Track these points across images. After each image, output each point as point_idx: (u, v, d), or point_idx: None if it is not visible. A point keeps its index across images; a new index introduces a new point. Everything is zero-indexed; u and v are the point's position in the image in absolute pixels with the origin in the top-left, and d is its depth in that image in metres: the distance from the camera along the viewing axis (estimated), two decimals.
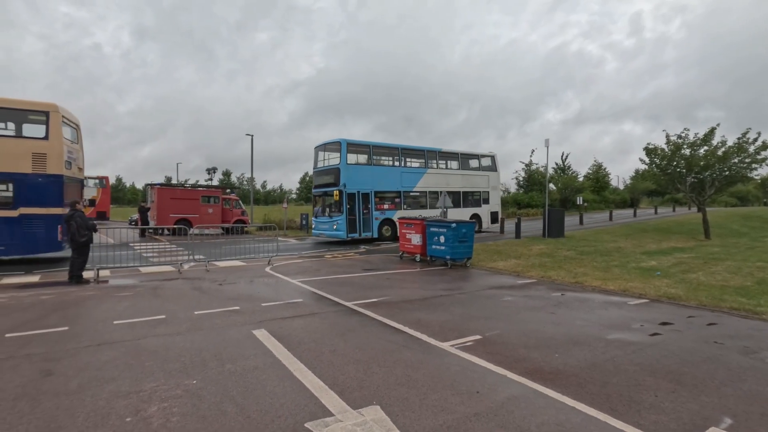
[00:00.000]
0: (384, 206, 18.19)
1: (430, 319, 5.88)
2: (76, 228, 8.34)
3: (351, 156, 17.73)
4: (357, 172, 17.40)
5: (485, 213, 21.94)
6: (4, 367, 4.00)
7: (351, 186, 16.85)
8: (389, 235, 18.02)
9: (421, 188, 19.44)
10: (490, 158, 23.24)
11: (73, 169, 12.12)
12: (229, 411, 3.18)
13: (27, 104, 11.15)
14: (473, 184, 21.58)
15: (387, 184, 18.35)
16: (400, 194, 18.68)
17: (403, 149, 19.48)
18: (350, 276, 9.61)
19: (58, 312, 6.13)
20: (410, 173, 19.30)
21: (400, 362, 4.22)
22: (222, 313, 6.17)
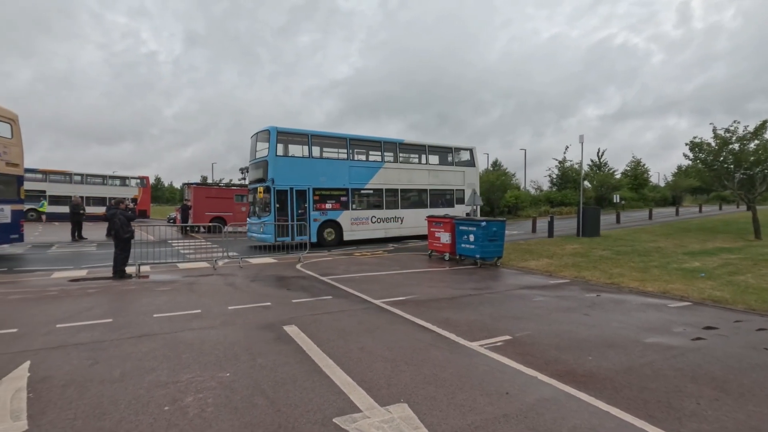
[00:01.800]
0: (326, 206, 15.70)
1: (458, 319, 5.82)
2: (119, 225, 8.79)
3: (283, 146, 15.26)
4: (290, 165, 14.95)
5: (460, 214, 19.39)
6: (56, 355, 4.27)
7: (282, 181, 14.46)
8: (332, 239, 15.62)
9: (375, 185, 16.95)
10: (468, 152, 20.31)
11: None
12: (260, 404, 3.27)
13: None
14: (444, 181, 19.05)
15: (330, 179, 15.80)
16: (347, 192, 16.17)
17: (352, 140, 16.86)
18: (378, 274, 9.65)
19: (103, 305, 6.48)
20: (362, 168, 16.73)
21: (428, 361, 4.21)
22: (254, 308, 6.34)
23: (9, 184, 12.47)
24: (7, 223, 12.33)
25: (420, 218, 17.43)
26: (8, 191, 12.43)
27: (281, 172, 14.48)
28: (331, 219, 15.69)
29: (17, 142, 12.85)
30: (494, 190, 33.72)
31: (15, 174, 12.69)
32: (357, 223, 16.22)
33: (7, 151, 12.40)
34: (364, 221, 16.46)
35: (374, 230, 16.64)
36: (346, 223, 15.89)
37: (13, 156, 12.63)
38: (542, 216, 34.13)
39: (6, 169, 12.37)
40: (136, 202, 32.82)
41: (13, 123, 12.85)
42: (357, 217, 16.32)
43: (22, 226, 13.02)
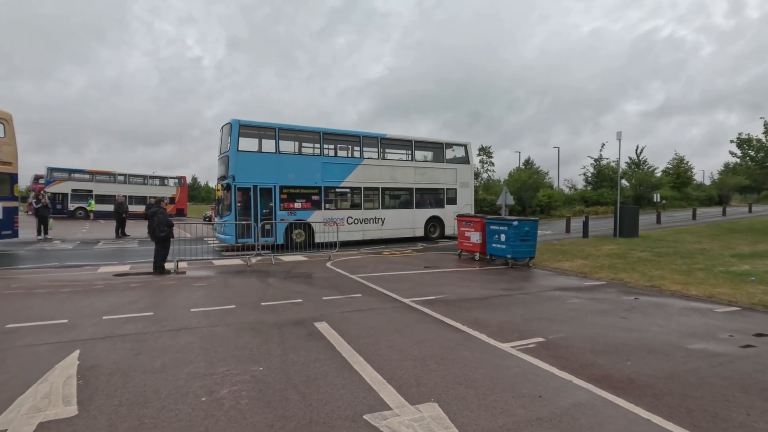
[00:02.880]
0: (294, 205, 14.40)
1: (489, 319, 5.74)
2: (157, 224, 9.18)
3: (247, 141, 14.04)
4: (253, 161, 13.71)
5: (450, 215, 17.15)
6: (103, 345, 4.51)
7: (244, 178, 13.31)
8: (301, 241, 14.11)
9: (352, 183, 15.53)
10: (461, 148, 18.55)
11: None
12: (292, 398, 3.33)
13: None
14: (433, 179, 17.40)
15: (300, 177, 14.45)
16: (320, 190, 14.81)
17: (326, 134, 15.35)
18: (408, 273, 9.64)
19: (144, 299, 6.79)
20: (336, 164, 15.40)
21: (458, 361, 4.17)
22: (285, 305, 6.48)
23: (2, 182, 12.82)
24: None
25: (404, 219, 16.35)
26: (1, 189, 12.83)
27: (243, 168, 13.32)
28: (300, 219, 14.36)
29: (10, 141, 13.10)
30: (526, 189, 32.99)
31: (8, 172, 13.00)
32: (330, 224, 14.28)
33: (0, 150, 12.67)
34: (338, 222, 14.58)
35: (350, 232, 15.09)
36: (317, 224, 14.26)
37: (5, 155, 12.90)
38: (576, 216, 33.10)
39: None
40: (174, 201, 34.22)
41: (6, 123, 13.08)
42: (330, 217, 14.67)
43: (16, 222, 13.39)
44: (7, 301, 6.48)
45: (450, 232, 17.44)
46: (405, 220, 16.32)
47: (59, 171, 31.88)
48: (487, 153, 39.38)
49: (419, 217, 16.62)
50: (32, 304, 6.29)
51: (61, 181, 31.28)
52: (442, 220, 17.42)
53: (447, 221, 17.35)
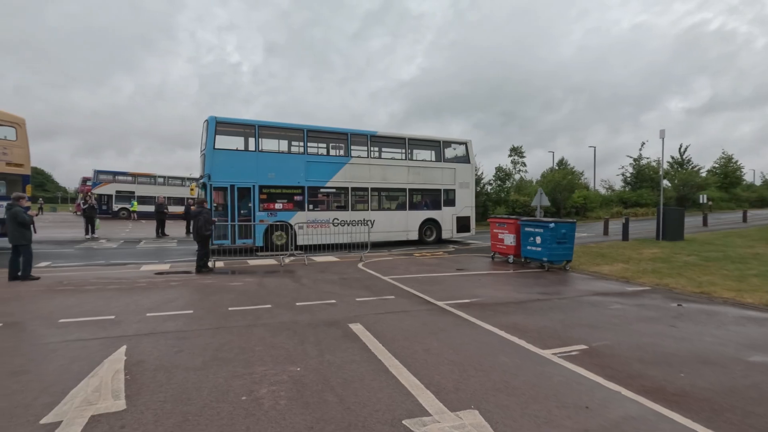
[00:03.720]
0: (275, 206, 13.71)
1: (527, 324, 5.56)
2: (203, 223, 9.47)
3: (226, 138, 13.52)
4: (231, 159, 13.12)
5: (448, 218, 16.48)
6: (147, 341, 4.67)
7: (220, 177, 12.75)
8: (282, 243, 13.36)
9: (339, 183, 14.75)
10: (461, 146, 17.49)
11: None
12: (330, 400, 3.32)
13: None
14: (429, 179, 16.36)
15: (281, 176, 13.75)
16: (303, 190, 14.06)
17: (311, 131, 14.49)
18: (440, 275, 9.52)
19: (184, 297, 7.00)
20: (321, 163, 14.61)
21: (497, 367, 4.05)
22: (319, 305, 6.52)
23: (13, 183, 13.61)
24: None
25: (396, 222, 15.37)
26: (13, 189, 13.35)
27: (220, 167, 12.77)
28: (281, 221, 13.62)
29: (22, 144, 13.97)
30: (560, 190, 32.02)
31: (19, 173, 13.88)
32: (314, 226, 14.12)
33: (9, 152, 13.59)
34: (323, 224, 14.29)
35: (336, 234, 14.21)
36: (300, 225, 13.80)
37: (17, 157, 13.77)
38: (614, 217, 31.87)
39: (8, 169, 13.62)
40: None
41: (19, 126, 13.98)
42: (314, 219, 14.17)
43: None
44: (60, 297, 6.84)
45: (447, 236, 16.57)
46: (397, 222, 15.30)
47: (104, 173, 33.61)
48: (519, 153, 38.53)
49: (413, 220, 15.55)
50: (82, 301, 6.61)
51: (106, 183, 32.96)
52: (438, 223, 16.38)
53: (444, 224, 16.37)
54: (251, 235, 13.13)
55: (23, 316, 5.69)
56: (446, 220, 16.46)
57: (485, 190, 32.31)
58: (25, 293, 7.11)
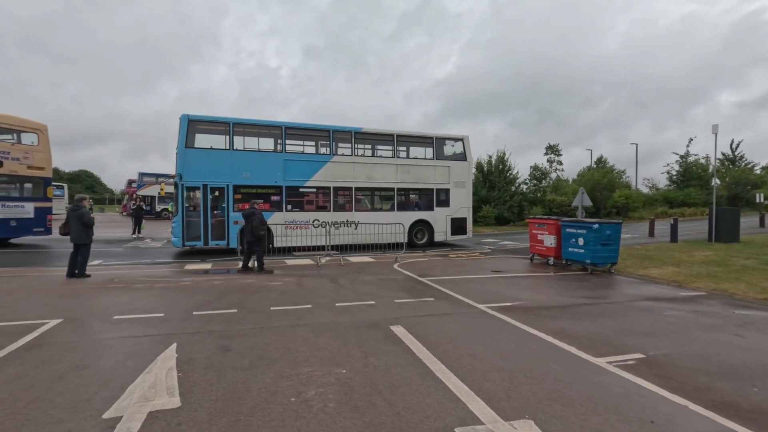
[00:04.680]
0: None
1: (576, 330, 5.33)
2: (258, 223, 9.70)
3: (199, 137, 13.20)
4: (204, 158, 12.78)
5: (441, 219, 15.50)
6: (195, 340, 4.79)
7: (192, 177, 12.49)
8: None
9: (320, 183, 14.11)
10: (458, 143, 16.38)
11: (14, 167, 14.09)
12: (378, 404, 3.28)
13: None
14: (420, 178, 15.45)
15: (257, 175, 13.30)
16: (280, 190, 13.57)
17: (289, 128, 14.01)
18: (478, 277, 9.33)
19: (227, 296, 7.17)
20: (300, 162, 13.98)
21: (549, 374, 3.88)
22: (359, 306, 6.51)
23: (35, 185, 14.71)
24: (30, 218, 14.53)
25: (383, 223, 13.92)
26: (34, 191, 14.69)
27: (192, 166, 12.51)
28: None
29: (44, 149, 14.97)
30: (600, 189, 30.84)
31: (41, 176, 14.82)
32: (293, 227, 13.57)
33: (31, 156, 14.58)
34: (302, 225, 13.71)
35: (317, 236, 13.64)
36: (278, 226, 13.14)
37: (38, 161, 14.77)
38: (659, 218, 30.41)
39: (30, 172, 14.56)
40: None
41: (41, 133, 15.00)
42: (293, 219, 13.64)
43: (49, 221, 15.13)
44: (112, 295, 7.16)
45: (441, 238, 15.52)
46: (384, 223, 13.84)
47: (148, 176, 35.23)
48: (555, 151, 37.37)
49: (402, 221, 14.12)
50: (132, 298, 6.89)
51: (150, 185, 34.52)
52: (430, 225, 15.39)
53: (437, 226, 15.32)
54: (225, 237, 12.91)
55: (81, 312, 5.98)
56: (439, 222, 15.46)
57: (520, 190, 31.55)
58: (81, 290, 7.50)
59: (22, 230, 14.48)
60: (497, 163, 30.56)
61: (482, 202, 29.06)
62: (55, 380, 3.65)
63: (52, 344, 4.60)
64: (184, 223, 12.45)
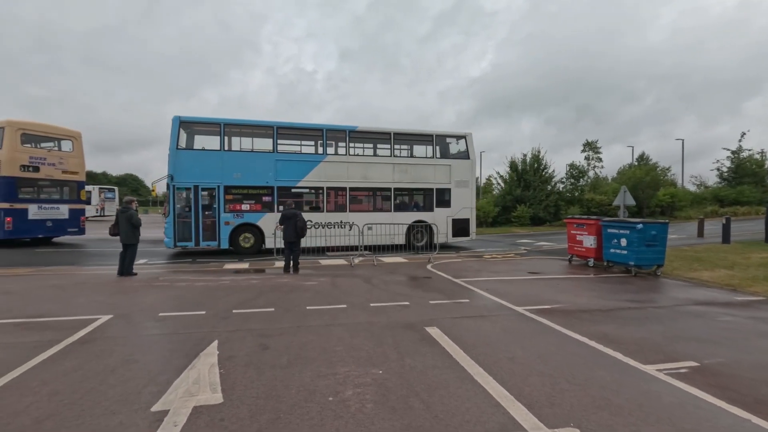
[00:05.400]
0: (241, 207, 13.25)
1: (621, 335, 5.08)
2: (302, 225, 9.89)
3: (191, 138, 13.50)
4: (195, 159, 12.91)
5: (442, 220, 14.74)
6: (235, 338, 4.92)
7: (183, 178, 12.55)
8: (250, 245, 13.21)
9: (312, 183, 13.91)
10: (460, 140, 15.72)
11: (49, 172, 15.20)
12: (416, 407, 3.24)
13: None
14: (419, 177, 14.92)
15: (248, 176, 13.24)
16: (272, 190, 13.44)
17: (281, 128, 13.80)
18: (514, 279, 9.10)
19: (265, 295, 7.33)
20: (292, 161, 13.85)
21: (594, 381, 3.72)
22: (393, 307, 6.49)
23: (69, 189, 15.98)
24: (65, 219, 15.75)
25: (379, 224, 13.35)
26: (69, 194, 15.95)
27: (183, 167, 12.58)
28: (248, 222, 13.23)
29: (78, 155, 16.24)
30: (642, 188, 29.44)
31: (75, 180, 16.11)
32: None
33: (66, 161, 15.78)
34: None
35: (309, 237, 12.65)
36: (269, 227, 12.83)
37: (72, 166, 15.99)
38: (709, 217, 28.73)
39: (64, 176, 15.75)
40: None
41: (75, 139, 16.25)
42: None
43: (82, 221, 16.49)
44: (157, 292, 7.48)
45: (441, 240, 14.59)
46: (380, 224, 13.41)
47: None
48: (593, 149, 36.02)
49: (399, 222, 13.82)
50: (175, 296, 7.17)
51: None
52: (430, 226, 14.38)
53: (438, 227, 14.12)
54: (216, 237, 12.97)
55: (129, 309, 6.28)
56: (440, 223, 14.58)
57: (557, 189, 30.62)
58: (129, 288, 7.88)
59: (57, 230, 15.77)
60: (532, 162, 29.80)
61: (517, 201, 28.42)
62: (107, 373, 3.84)
63: (103, 339, 4.86)
64: (175, 224, 12.59)
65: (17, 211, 14.48)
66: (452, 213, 15.09)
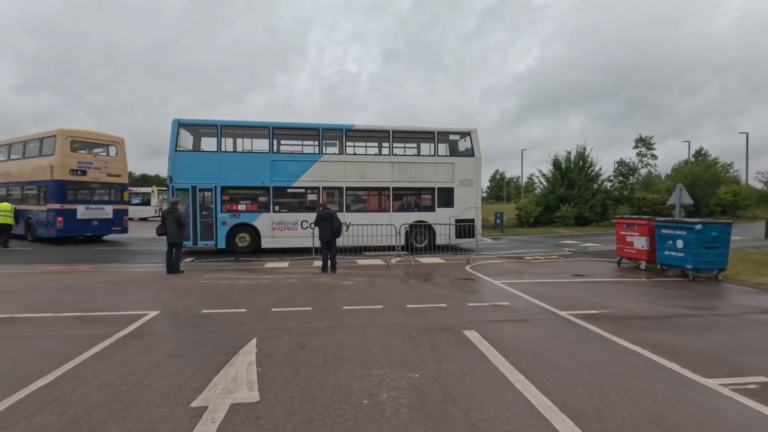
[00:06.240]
0: (238, 207, 13.45)
1: (678, 345, 4.70)
2: (339, 224, 10.00)
3: (190, 140, 13.83)
4: (193, 161, 13.25)
5: (444, 221, 14.12)
6: (274, 335, 5.00)
7: (182, 179, 12.89)
8: (246, 245, 13.40)
9: (308, 183, 13.87)
10: (465, 137, 15.10)
11: (95, 175, 16.51)
12: (453, 413, 3.12)
13: (40, 134, 16.48)
14: (419, 176, 14.47)
15: (244, 176, 13.38)
16: (268, 191, 13.53)
17: (277, 128, 13.92)
18: (558, 281, 8.70)
19: (303, 294, 7.43)
20: (288, 162, 13.88)
21: (647, 394, 3.44)
22: (431, 308, 6.37)
23: (114, 190, 17.41)
24: (109, 218, 17.15)
25: (377, 224, 13.03)
26: (113, 195, 17.39)
27: (181, 168, 12.93)
28: (244, 222, 13.44)
29: (121, 159, 17.68)
30: (700, 185, 27.49)
31: (118, 182, 17.52)
32: (281, 228, 13.56)
33: (110, 165, 17.17)
34: (290, 226, 13.59)
35: (305, 237, 13.19)
36: (265, 227, 13.41)
37: (116, 169, 17.43)
38: None
39: (109, 179, 17.13)
40: None
41: (118, 145, 17.69)
42: (281, 221, 13.58)
43: (125, 221, 17.82)
44: (201, 290, 7.76)
45: (443, 241, 13.99)
46: (378, 225, 13.02)
47: None
48: (647, 144, 34.00)
49: (397, 222, 13.03)
50: (218, 294, 7.41)
51: None
52: (431, 226, 14.15)
53: (439, 227, 13.90)
54: (213, 237, 13.23)
55: (175, 305, 6.55)
56: (442, 223, 14.00)
57: (604, 188, 29.17)
58: (176, 285, 8.24)
59: (102, 229, 17.14)
60: (576, 160, 28.56)
61: (560, 201, 27.32)
62: (153, 367, 4.00)
63: (151, 334, 5.08)
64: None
65: (67, 211, 15.87)
66: (456, 213, 14.51)
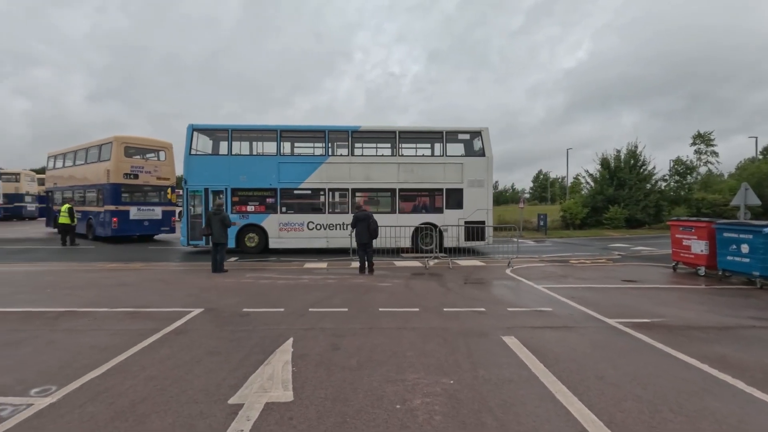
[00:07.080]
0: (247, 208, 13.86)
1: (743, 359, 4.29)
2: (375, 226, 10.06)
3: (203, 144, 14.26)
4: (205, 164, 13.82)
5: (453, 223, 13.51)
6: (309, 336, 5.05)
7: (195, 181, 13.56)
8: (254, 246, 13.72)
9: (315, 184, 13.94)
10: (475, 136, 14.63)
11: (146, 179, 17.76)
12: (488, 423, 3.00)
13: (99, 141, 17.58)
14: (426, 177, 14.09)
15: (253, 178, 13.79)
16: (275, 192, 13.81)
17: (284, 131, 14.26)
18: (605, 287, 8.24)
19: (340, 295, 7.48)
20: (295, 164, 14.15)
21: (706, 413, 3.15)
22: (468, 313, 6.21)
23: (163, 193, 18.42)
24: (159, 219, 18.23)
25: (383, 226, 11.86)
26: (162, 197, 18.40)
27: (195, 171, 13.63)
28: (253, 223, 13.81)
29: (169, 163, 18.83)
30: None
31: (167, 185, 18.57)
32: (287, 229, 13.84)
33: (159, 169, 18.32)
34: (296, 227, 13.86)
35: (311, 238, 13.79)
36: (272, 228, 13.75)
37: (165, 173, 18.56)
38: None
39: (158, 182, 18.25)
40: None
41: (167, 150, 18.85)
42: (288, 221, 13.86)
43: (173, 221, 18.54)
44: (243, 289, 8.01)
45: (452, 244, 13.16)
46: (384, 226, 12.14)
47: None
48: (706, 141, 31.64)
49: (404, 224, 12.92)
50: (259, 293, 7.62)
51: None
52: (439, 229, 13.69)
53: (447, 230, 13.46)
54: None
55: (218, 303, 6.79)
56: (450, 225, 13.50)
57: (657, 188, 27.43)
58: (220, 284, 8.55)
59: (153, 229, 18.29)
60: (627, 158, 27.03)
61: (609, 202, 25.96)
62: (194, 364, 4.15)
63: (194, 330, 5.28)
64: (188, 225, 13.78)
65: (121, 212, 17.12)
66: (465, 215, 13.98)
